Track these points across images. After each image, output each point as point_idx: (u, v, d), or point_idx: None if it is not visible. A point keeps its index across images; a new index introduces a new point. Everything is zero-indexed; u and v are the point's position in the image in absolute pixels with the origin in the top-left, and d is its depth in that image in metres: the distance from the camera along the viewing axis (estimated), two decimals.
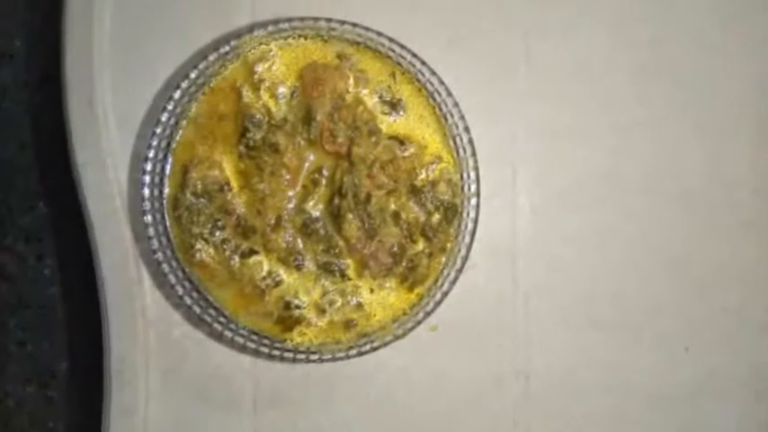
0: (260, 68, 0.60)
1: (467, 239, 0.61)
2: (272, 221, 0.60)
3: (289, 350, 0.60)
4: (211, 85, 0.60)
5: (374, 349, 0.60)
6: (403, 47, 0.61)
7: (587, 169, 0.65)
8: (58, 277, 0.66)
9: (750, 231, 0.66)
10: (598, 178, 0.65)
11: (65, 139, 0.61)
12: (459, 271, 0.61)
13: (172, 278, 0.60)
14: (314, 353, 0.60)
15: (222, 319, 0.60)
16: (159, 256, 0.60)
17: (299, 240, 0.60)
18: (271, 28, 0.60)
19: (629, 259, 0.65)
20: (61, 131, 0.61)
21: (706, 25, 0.66)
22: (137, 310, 0.61)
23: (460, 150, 0.61)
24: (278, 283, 0.60)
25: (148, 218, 0.60)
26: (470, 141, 0.61)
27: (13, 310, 0.66)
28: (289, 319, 0.60)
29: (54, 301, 0.66)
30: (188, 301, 0.60)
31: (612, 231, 0.65)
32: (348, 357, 0.60)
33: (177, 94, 0.60)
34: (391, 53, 0.61)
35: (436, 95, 0.61)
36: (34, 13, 0.66)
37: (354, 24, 0.60)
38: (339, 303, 0.60)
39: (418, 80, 0.61)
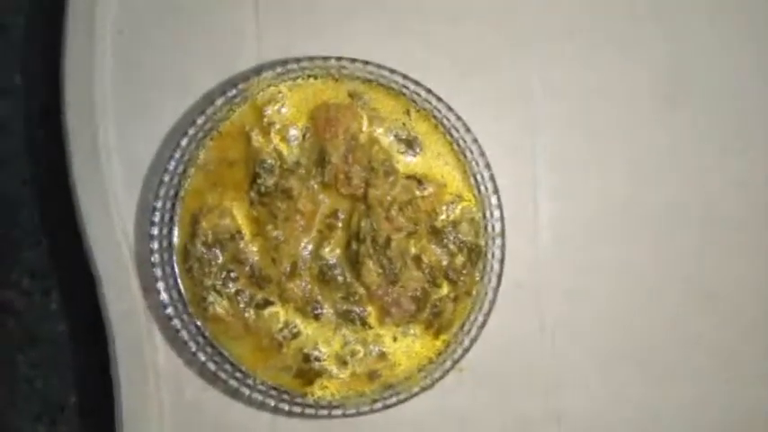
0: (269, 111, 0.59)
1: (493, 281, 0.59)
2: (288, 269, 0.59)
3: (310, 405, 0.58)
4: (219, 130, 0.59)
5: (400, 401, 0.59)
6: (417, 83, 0.59)
7: (610, 199, 0.63)
8: (65, 312, 0.65)
9: None
10: (621, 207, 0.63)
11: (68, 173, 0.60)
12: (487, 314, 0.59)
13: (184, 333, 0.58)
14: (336, 407, 0.58)
15: (239, 375, 0.58)
16: (170, 310, 0.58)
17: (317, 288, 0.59)
18: (279, 69, 0.59)
19: (657, 290, 0.63)
20: (64, 164, 0.60)
21: (725, 47, 0.64)
22: (147, 366, 0.60)
23: (482, 188, 0.60)
24: (296, 335, 0.58)
25: (158, 271, 0.58)
26: (492, 178, 0.60)
27: (21, 346, 0.65)
28: (309, 372, 0.58)
29: (62, 337, 0.65)
30: (202, 357, 0.58)
31: (639, 262, 0.63)
32: (373, 411, 0.58)
33: (184, 141, 0.58)
34: (405, 90, 0.59)
35: (453, 131, 0.60)
36: (33, 48, 0.65)
37: (366, 62, 0.59)
38: (361, 354, 0.59)
39: (434, 116, 0.59)
